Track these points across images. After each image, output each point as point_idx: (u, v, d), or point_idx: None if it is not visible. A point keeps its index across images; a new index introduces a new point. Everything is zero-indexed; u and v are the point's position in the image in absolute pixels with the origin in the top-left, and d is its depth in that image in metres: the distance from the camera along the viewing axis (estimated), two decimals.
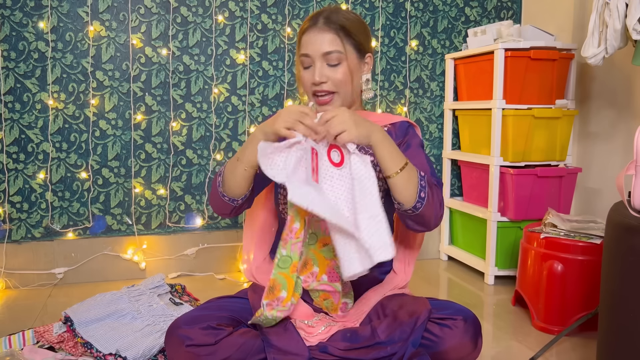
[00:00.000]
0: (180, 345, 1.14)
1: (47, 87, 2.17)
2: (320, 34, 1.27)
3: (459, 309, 1.23)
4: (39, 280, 2.20)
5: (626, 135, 2.15)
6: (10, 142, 2.16)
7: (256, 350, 1.16)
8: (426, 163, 1.31)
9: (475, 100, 2.38)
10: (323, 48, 1.26)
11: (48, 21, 2.14)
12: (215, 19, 2.32)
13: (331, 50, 1.26)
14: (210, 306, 1.26)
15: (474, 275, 2.39)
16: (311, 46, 1.27)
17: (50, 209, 2.22)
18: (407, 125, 1.39)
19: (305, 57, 1.29)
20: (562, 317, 1.76)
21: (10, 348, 1.51)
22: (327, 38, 1.27)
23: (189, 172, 2.35)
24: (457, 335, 1.17)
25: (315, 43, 1.27)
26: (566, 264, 1.75)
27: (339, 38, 1.27)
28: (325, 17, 1.28)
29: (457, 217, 2.58)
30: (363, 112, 1.41)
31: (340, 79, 1.28)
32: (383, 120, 1.39)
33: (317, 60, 1.27)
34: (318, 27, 1.28)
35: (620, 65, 2.16)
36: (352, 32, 1.29)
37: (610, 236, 1.20)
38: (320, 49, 1.27)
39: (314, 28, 1.28)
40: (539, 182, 2.20)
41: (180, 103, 2.31)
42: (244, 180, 1.24)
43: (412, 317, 1.18)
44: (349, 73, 1.29)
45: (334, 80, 1.28)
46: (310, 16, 1.31)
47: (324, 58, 1.27)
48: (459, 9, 2.63)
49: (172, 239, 2.34)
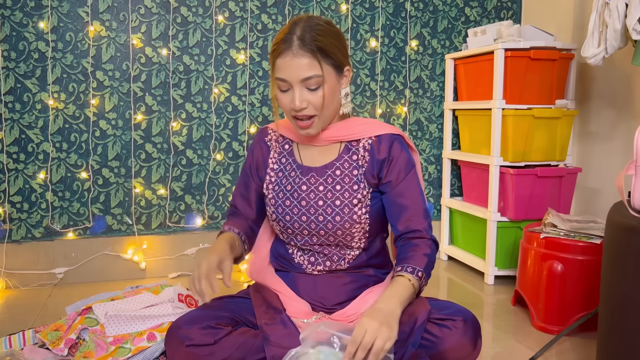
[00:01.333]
0: (180, 345, 1.14)
1: (47, 87, 2.17)
2: (297, 59, 1.19)
3: (459, 309, 1.23)
4: (39, 280, 2.20)
5: (626, 135, 2.15)
6: (10, 142, 2.16)
7: (256, 349, 1.16)
8: (419, 195, 1.29)
9: (475, 100, 2.38)
10: (301, 74, 1.19)
11: (48, 21, 2.14)
12: (215, 19, 2.32)
13: (310, 75, 1.19)
14: (210, 306, 1.26)
15: (473, 275, 2.39)
16: (288, 72, 1.20)
17: (51, 209, 2.22)
18: (393, 139, 1.32)
19: (281, 82, 1.22)
20: (562, 317, 1.76)
21: (11, 348, 1.51)
22: (304, 63, 1.19)
23: (189, 172, 2.35)
24: (457, 335, 1.17)
25: (292, 68, 1.19)
26: (566, 264, 1.75)
27: (316, 60, 1.19)
28: (299, 37, 1.19)
29: (457, 217, 2.58)
30: (347, 121, 1.35)
31: (321, 103, 1.22)
32: (369, 129, 1.33)
33: (296, 86, 1.21)
34: (293, 52, 1.19)
35: (620, 66, 2.16)
36: (329, 51, 1.22)
37: (610, 236, 1.20)
38: (298, 75, 1.19)
39: (288, 52, 1.19)
40: (538, 182, 2.20)
41: (180, 103, 2.31)
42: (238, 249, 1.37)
43: (412, 317, 1.18)
44: (329, 95, 1.23)
45: (315, 104, 1.22)
46: (282, 35, 1.22)
47: (302, 83, 1.20)
48: (459, 9, 2.63)
49: (172, 239, 2.34)
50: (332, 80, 1.24)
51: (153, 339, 1.48)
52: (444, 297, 2.15)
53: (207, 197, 2.38)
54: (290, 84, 1.21)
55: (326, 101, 1.23)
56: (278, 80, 1.23)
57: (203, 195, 2.38)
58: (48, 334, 1.51)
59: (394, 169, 1.29)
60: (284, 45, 1.20)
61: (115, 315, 1.54)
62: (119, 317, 1.54)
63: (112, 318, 1.54)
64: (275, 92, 1.26)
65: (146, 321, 1.55)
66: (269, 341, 1.16)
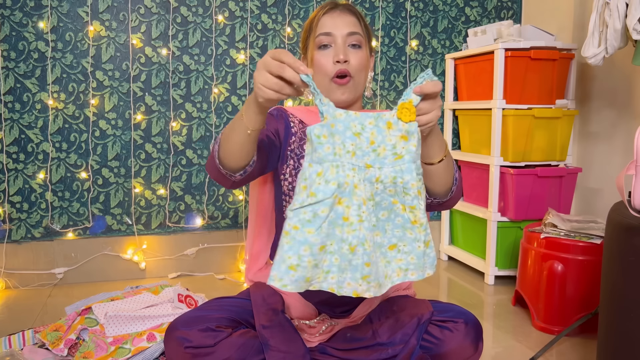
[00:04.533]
0: (179, 346, 1.13)
1: (47, 87, 2.17)
2: (344, 15, 1.25)
3: (461, 311, 1.22)
4: (39, 280, 2.20)
5: (626, 135, 2.15)
6: (10, 142, 2.16)
7: (256, 351, 1.15)
8: None
9: (476, 100, 2.38)
10: (348, 28, 1.24)
11: (48, 21, 2.14)
12: (215, 19, 2.32)
13: (355, 31, 1.24)
14: (209, 307, 1.25)
15: (474, 275, 2.39)
16: (334, 25, 1.24)
17: (50, 209, 2.22)
18: None
19: (325, 36, 1.24)
20: (562, 317, 1.76)
21: (10, 348, 1.51)
22: (351, 20, 1.25)
23: (189, 172, 2.35)
24: (458, 338, 1.17)
25: (339, 22, 1.24)
26: (566, 264, 1.75)
27: (359, 23, 1.26)
28: (342, 4, 1.28)
29: (457, 217, 2.58)
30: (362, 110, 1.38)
31: (359, 63, 1.24)
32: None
33: (340, 39, 1.23)
34: (340, 10, 1.26)
35: (621, 65, 2.16)
36: (366, 24, 1.30)
37: (611, 236, 1.20)
38: (344, 28, 1.23)
39: (335, 10, 1.26)
40: (539, 182, 2.19)
41: (180, 103, 2.31)
42: (246, 146, 1.04)
43: (414, 318, 1.17)
44: (366, 60, 1.27)
45: (354, 63, 1.24)
46: (325, 3, 1.29)
47: (346, 38, 1.24)
48: (459, 9, 2.63)
49: (172, 239, 2.34)
50: (366, 50, 1.28)
51: (153, 339, 1.48)
52: (444, 297, 2.15)
53: (207, 197, 2.38)
54: (334, 39, 1.23)
55: (364, 63, 1.25)
56: (321, 36, 1.24)
57: (203, 195, 2.38)
58: (48, 334, 1.51)
59: None
60: (331, 5, 1.27)
61: (115, 316, 1.54)
62: (119, 317, 1.54)
63: (112, 318, 1.54)
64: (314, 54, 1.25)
65: (146, 321, 1.55)
66: (268, 346, 1.15)
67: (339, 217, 0.92)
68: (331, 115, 0.92)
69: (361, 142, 0.93)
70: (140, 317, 1.55)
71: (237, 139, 1.03)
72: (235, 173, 1.09)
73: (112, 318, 1.54)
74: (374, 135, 0.94)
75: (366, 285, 0.93)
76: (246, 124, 1.00)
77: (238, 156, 1.05)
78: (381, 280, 0.96)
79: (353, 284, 0.93)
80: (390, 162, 0.94)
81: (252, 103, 0.99)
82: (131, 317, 1.54)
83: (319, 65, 1.24)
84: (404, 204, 0.95)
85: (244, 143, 1.03)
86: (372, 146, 0.94)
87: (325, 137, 0.92)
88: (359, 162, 0.93)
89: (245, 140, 1.03)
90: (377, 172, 0.94)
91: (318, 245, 0.91)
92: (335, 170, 0.92)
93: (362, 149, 0.93)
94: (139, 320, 1.54)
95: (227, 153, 1.06)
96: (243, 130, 1.01)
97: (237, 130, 1.03)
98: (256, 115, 1.00)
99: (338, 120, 0.93)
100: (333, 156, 0.92)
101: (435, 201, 1.16)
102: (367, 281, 0.93)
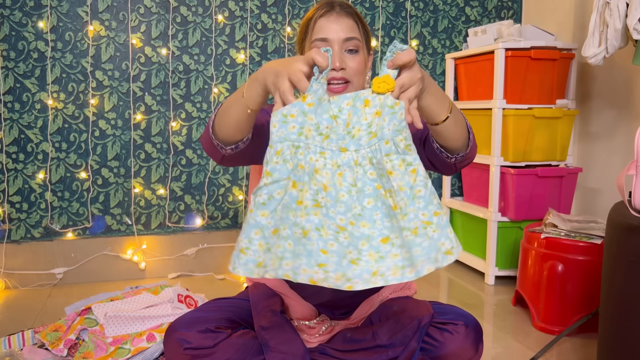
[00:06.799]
0: (178, 348, 1.13)
1: (47, 87, 2.16)
2: (341, 18, 1.22)
3: (461, 313, 1.22)
4: (38, 280, 2.19)
5: (627, 135, 2.14)
6: (9, 142, 2.15)
7: (255, 352, 1.15)
8: None
9: (476, 100, 2.37)
10: (345, 33, 1.21)
11: (47, 21, 2.14)
12: (215, 19, 2.32)
13: (352, 36, 1.21)
14: (209, 308, 1.25)
15: (474, 275, 2.39)
16: (331, 30, 1.21)
17: (50, 209, 2.22)
18: None
19: (321, 42, 1.22)
20: (563, 317, 1.76)
21: (10, 348, 1.51)
22: (348, 24, 1.22)
23: (188, 172, 2.35)
24: (458, 340, 1.16)
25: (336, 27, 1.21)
26: (567, 264, 1.74)
27: (357, 26, 1.23)
28: (339, 5, 1.24)
29: (458, 217, 2.57)
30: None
31: (357, 67, 1.22)
32: None
33: (336, 45, 1.21)
34: (336, 13, 1.22)
35: (621, 65, 2.15)
36: (365, 25, 1.28)
37: (611, 236, 1.20)
38: (341, 33, 1.21)
39: (332, 13, 1.22)
40: (539, 182, 2.19)
41: (180, 103, 2.31)
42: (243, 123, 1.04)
43: (414, 320, 1.17)
44: (363, 63, 1.25)
45: (351, 68, 1.21)
46: (321, 4, 1.25)
47: (343, 44, 1.21)
48: (459, 9, 2.63)
49: (171, 239, 2.34)
50: (364, 53, 1.26)
51: (152, 339, 1.48)
52: (444, 297, 2.15)
53: (206, 197, 2.37)
54: (331, 44, 1.21)
55: (361, 67, 1.23)
56: (317, 41, 1.22)
57: (203, 196, 2.37)
58: (47, 335, 1.51)
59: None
60: (327, 7, 1.23)
61: (115, 316, 1.54)
62: (119, 317, 1.54)
63: (112, 318, 1.53)
64: None
65: (145, 322, 1.54)
66: (268, 347, 1.15)
67: (293, 200, 0.89)
68: (317, 96, 0.89)
69: (337, 126, 0.90)
70: (140, 318, 1.55)
71: (235, 115, 1.03)
72: (227, 146, 1.08)
73: (112, 318, 1.53)
74: (350, 116, 0.89)
75: (323, 275, 0.86)
76: (247, 102, 1.00)
77: (232, 131, 1.05)
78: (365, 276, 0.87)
79: (309, 270, 0.87)
80: (365, 142, 0.89)
81: (257, 84, 0.98)
82: (131, 318, 1.54)
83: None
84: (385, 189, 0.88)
85: (241, 120, 1.03)
86: (347, 128, 0.90)
87: (293, 117, 0.89)
88: (331, 146, 0.90)
89: (243, 118, 1.03)
90: (353, 155, 0.89)
91: (271, 229, 0.88)
92: (295, 151, 0.89)
93: (338, 132, 0.89)
94: (139, 321, 1.54)
95: (222, 125, 1.06)
96: (243, 108, 1.01)
97: (236, 106, 1.02)
98: (259, 97, 0.99)
99: (320, 102, 0.90)
100: (297, 136, 0.89)
101: (459, 156, 1.11)
102: (324, 270, 0.86)
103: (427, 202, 0.88)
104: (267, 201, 0.89)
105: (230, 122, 1.04)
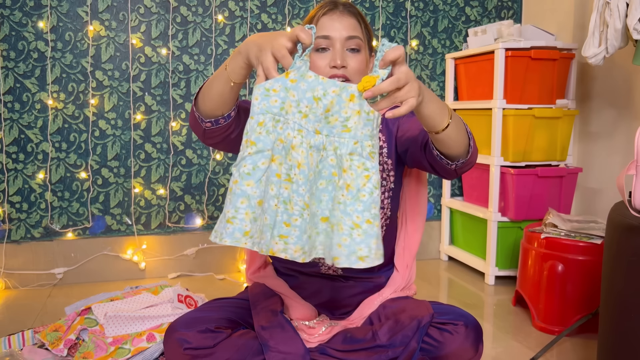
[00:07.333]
0: (178, 348, 1.13)
1: (47, 87, 2.16)
2: (344, 17, 1.23)
3: (461, 314, 1.21)
4: (38, 280, 2.19)
5: (627, 135, 2.14)
6: (9, 142, 2.15)
7: (255, 352, 1.15)
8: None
9: (476, 100, 2.37)
10: (347, 32, 1.21)
11: (47, 21, 2.14)
12: (215, 19, 2.32)
13: (354, 35, 1.22)
14: (209, 307, 1.25)
15: (474, 275, 2.39)
16: (333, 28, 1.22)
17: (50, 209, 2.22)
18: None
19: (323, 40, 1.22)
20: (563, 317, 1.76)
21: (10, 348, 1.51)
22: (350, 23, 1.23)
23: (188, 172, 2.35)
24: (458, 340, 1.16)
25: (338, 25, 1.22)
26: (567, 264, 1.74)
27: (359, 25, 1.25)
28: (342, 4, 1.25)
29: (458, 217, 2.57)
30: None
31: (358, 66, 1.22)
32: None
33: (338, 44, 1.21)
34: (340, 11, 1.23)
35: (621, 65, 2.15)
36: (367, 26, 1.28)
37: (611, 236, 1.20)
38: (343, 32, 1.21)
39: (335, 11, 1.23)
40: (539, 182, 2.19)
41: (180, 103, 2.31)
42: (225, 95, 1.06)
43: (414, 321, 1.17)
44: (364, 62, 1.25)
45: (352, 67, 1.22)
46: (325, 2, 1.26)
47: (345, 42, 1.22)
48: (459, 9, 2.63)
49: (171, 239, 2.34)
50: (365, 52, 1.26)
51: (152, 339, 1.48)
52: (444, 297, 2.15)
53: (206, 197, 2.37)
54: (332, 42, 1.22)
55: (362, 67, 1.23)
56: (319, 39, 1.22)
57: (203, 196, 2.37)
58: (47, 335, 1.51)
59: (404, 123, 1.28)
60: (330, 6, 1.25)
61: (115, 316, 1.54)
62: (119, 317, 1.54)
63: (112, 318, 1.53)
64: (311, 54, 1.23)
65: (145, 322, 1.54)
66: (268, 347, 1.15)
67: (273, 174, 0.93)
68: (300, 74, 0.93)
69: (317, 108, 0.93)
70: (140, 318, 1.55)
71: (218, 88, 1.06)
72: (206, 119, 1.11)
73: (112, 318, 1.53)
74: (332, 103, 0.93)
75: (283, 245, 0.91)
76: (229, 75, 1.03)
77: (215, 103, 1.08)
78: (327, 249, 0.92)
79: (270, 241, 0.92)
80: (337, 132, 0.93)
81: (240, 57, 1.01)
82: (131, 318, 1.54)
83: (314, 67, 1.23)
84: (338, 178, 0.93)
85: (224, 93, 1.06)
86: (326, 113, 0.93)
87: (276, 91, 0.93)
88: (307, 126, 0.94)
89: (226, 90, 1.05)
90: (324, 139, 0.94)
91: (256, 199, 0.91)
92: (275, 124, 0.93)
93: (316, 114, 0.94)
94: (139, 321, 1.54)
95: (205, 98, 1.09)
96: (226, 81, 1.04)
97: (219, 79, 1.05)
98: (241, 70, 1.02)
99: (304, 80, 0.93)
100: (279, 110, 0.93)
101: (460, 163, 1.12)
102: (284, 242, 0.91)
103: (365, 208, 0.92)
104: (251, 171, 0.92)
105: (213, 95, 1.07)
